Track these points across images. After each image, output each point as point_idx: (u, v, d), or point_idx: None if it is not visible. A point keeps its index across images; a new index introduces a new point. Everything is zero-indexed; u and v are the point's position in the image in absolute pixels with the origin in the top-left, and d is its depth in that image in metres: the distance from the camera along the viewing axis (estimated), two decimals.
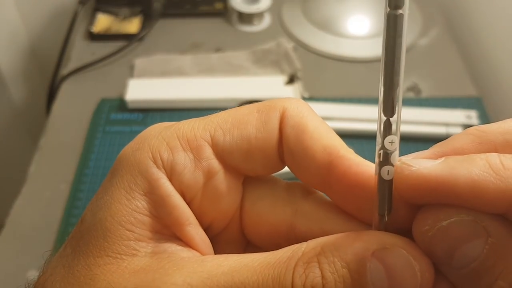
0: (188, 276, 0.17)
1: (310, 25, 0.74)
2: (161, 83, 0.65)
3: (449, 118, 0.60)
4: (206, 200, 0.19)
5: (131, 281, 0.17)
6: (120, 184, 0.19)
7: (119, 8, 0.75)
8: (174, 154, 0.19)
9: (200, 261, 0.18)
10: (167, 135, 0.19)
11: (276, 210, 0.20)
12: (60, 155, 0.59)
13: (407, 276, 0.16)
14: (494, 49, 0.73)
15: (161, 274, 0.17)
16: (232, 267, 0.17)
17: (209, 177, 0.19)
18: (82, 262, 0.18)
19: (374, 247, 0.17)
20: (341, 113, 0.61)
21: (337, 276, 0.16)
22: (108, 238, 0.18)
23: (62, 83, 0.68)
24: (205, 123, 0.20)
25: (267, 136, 0.19)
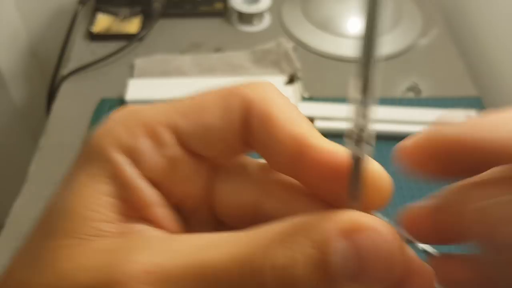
0: (154, 253, 0.16)
1: (310, 25, 0.74)
2: (161, 83, 0.65)
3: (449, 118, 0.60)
4: (172, 183, 0.19)
5: (96, 260, 0.17)
6: (86, 169, 0.19)
7: (119, 8, 0.75)
8: (137, 141, 0.18)
9: (168, 239, 0.17)
10: (131, 122, 0.19)
11: (244, 190, 0.20)
12: (60, 155, 0.59)
13: (380, 259, 0.15)
14: (494, 49, 0.73)
15: (127, 252, 0.17)
16: (201, 245, 0.16)
17: (172, 162, 0.19)
18: (47, 245, 0.18)
19: (343, 226, 0.15)
20: (341, 113, 0.61)
21: (306, 257, 0.15)
22: (74, 220, 0.18)
23: (62, 83, 0.68)
24: (169, 109, 0.19)
25: (228, 125, 0.19)
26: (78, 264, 0.17)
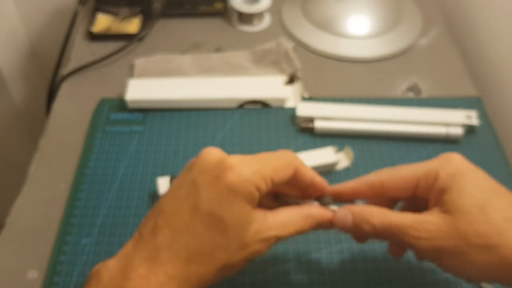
0: (262, 227, 0.39)
1: (310, 25, 0.74)
2: (161, 83, 0.65)
3: (449, 118, 0.60)
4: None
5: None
6: (241, 196, 0.38)
7: (119, 8, 0.75)
8: (261, 185, 0.38)
9: (266, 216, 0.40)
10: (258, 176, 0.38)
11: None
12: (60, 155, 0.59)
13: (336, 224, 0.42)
14: (494, 49, 0.73)
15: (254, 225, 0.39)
16: (281, 222, 0.40)
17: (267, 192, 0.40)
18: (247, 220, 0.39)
19: (328, 216, 0.42)
20: (341, 113, 0.61)
21: (312, 227, 0.42)
22: (248, 215, 0.39)
23: (62, 83, 0.68)
24: (270, 172, 0.39)
25: (287, 179, 0.41)
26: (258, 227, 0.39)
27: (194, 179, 0.39)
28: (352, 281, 0.48)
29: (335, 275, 0.49)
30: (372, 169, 0.57)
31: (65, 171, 0.57)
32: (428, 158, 0.58)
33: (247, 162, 0.39)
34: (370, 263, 0.50)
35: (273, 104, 0.64)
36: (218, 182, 0.37)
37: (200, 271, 0.37)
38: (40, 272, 0.49)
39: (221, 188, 0.37)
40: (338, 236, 0.51)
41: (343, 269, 0.49)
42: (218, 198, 0.37)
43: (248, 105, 0.64)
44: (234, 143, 0.60)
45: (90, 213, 0.53)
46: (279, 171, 0.39)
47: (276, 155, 0.40)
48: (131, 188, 0.56)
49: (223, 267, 0.38)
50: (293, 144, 0.60)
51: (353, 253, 0.50)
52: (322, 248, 0.51)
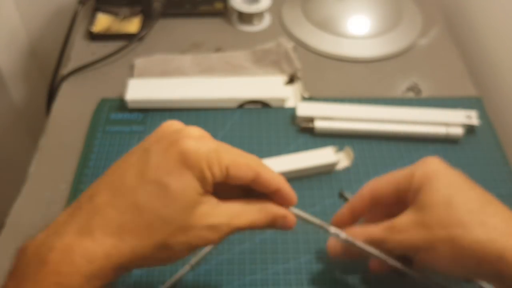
0: (212, 215, 0.37)
1: (310, 25, 0.74)
2: (161, 83, 0.65)
3: (449, 118, 0.60)
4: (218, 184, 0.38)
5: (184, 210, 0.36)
6: (189, 172, 0.35)
7: (119, 8, 0.75)
8: (214, 169, 0.36)
9: (218, 204, 0.37)
10: (214, 158, 0.36)
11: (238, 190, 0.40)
12: (60, 155, 0.59)
13: (286, 224, 0.40)
14: (494, 49, 0.73)
15: (200, 211, 0.36)
16: (232, 213, 0.38)
17: (221, 179, 0.37)
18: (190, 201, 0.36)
19: (282, 213, 0.40)
20: (341, 113, 0.61)
21: (267, 218, 0.39)
22: (193, 196, 0.36)
23: (62, 83, 0.68)
24: (233, 161, 0.37)
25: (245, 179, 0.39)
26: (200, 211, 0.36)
27: (148, 147, 0.36)
28: (353, 281, 0.48)
29: (335, 275, 0.49)
30: (372, 169, 0.57)
31: (65, 171, 0.57)
32: None
33: (208, 139, 0.37)
34: None
35: (273, 104, 0.64)
36: (171, 149, 0.35)
37: (133, 244, 0.34)
38: None
39: (173, 155, 0.35)
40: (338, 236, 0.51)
41: (343, 269, 0.49)
42: (167, 165, 0.35)
43: (248, 105, 0.64)
44: (234, 143, 0.60)
45: None
46: (237, 166, 0.37)
47: (241, 153, 0.38)
48: None
49: (161, 245, 0.35)
50: (293, 144, 0.60)
51: None
52: (322, 248, 0.51)
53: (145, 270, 0.49)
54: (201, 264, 0.49)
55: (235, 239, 0.51)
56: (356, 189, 0.55)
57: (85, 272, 0.33)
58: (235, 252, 0.50)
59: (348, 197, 0.54)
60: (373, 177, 0.56)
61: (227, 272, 0.49)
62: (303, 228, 0.52)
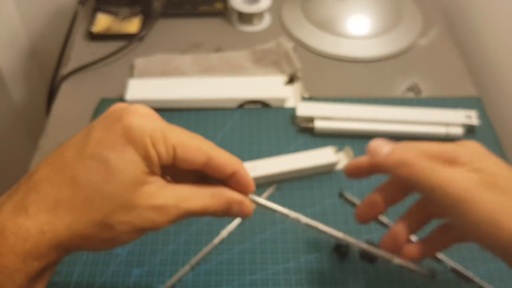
0: (159, 196, 0.35)
1: (310, 25, 0.74)
2: (161, 83, 0.65)
3: (449, 118, 0.60)
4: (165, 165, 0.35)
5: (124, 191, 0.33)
6: (131, 149, 0.33)
7: (119, 8, 0.75)
8: (160, 146, 0.34)
9: (166, 185, 0.35)
10: (162, 136, 0.34)
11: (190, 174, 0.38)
12: None
13: (243, 211, 0.38)
14: (494, 49, 0.73)
15: (148, 192, 0.34)
16: (183, 195, 0.36)
17: (167, 160, 0.35)
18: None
19: (237, 199, 0.37)
20: (341, 113, 0.61)
21: (223, 204, 0.37)
22: (135, 175, 0.34)
23: (62, 83, 0.68)
24: (182, 141, 0.35)
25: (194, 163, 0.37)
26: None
27: (93, 124, 0.35)
28: (353, 281, 0.48)
29: (335, 274, 0.49)
30: None
31: None
32: None
33: (155, 118, 0.35)
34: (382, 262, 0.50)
35: (273, 104, 0.64)
36: (115, 125, 0.33)
37: (69, 220, 0.32)
38: None
39: (116, 131, 0.33)
40: None
41: (343, 268, 0.49)
42: (109, 140, 0.33)
43: (248, 105, 0.64)
44: (234, 143, 0.60)
45: None
46: (186, 148, 0.34)
47: (192, 134, 0.36)
48: None
49: (100, 223, 0.32)
50: (293, 144, 0.60)
51: (355, 252, 0.50)
52: (322, 248, 0.51)
53: (145, 270, 0.49)
54: (201, 264, 0.49)
55: (235, 239, 0.51)
56: (356, 189, 0.55)
57: (20, 251, 0.31)
58: (235, 252, 0.50)
59: (348, 197, 0.54)
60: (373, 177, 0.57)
61: (227, 272, 0.49)
62: (303, 228, 0.52)
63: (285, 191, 0.55)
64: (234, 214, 0.38)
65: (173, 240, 0.51)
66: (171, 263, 0.49)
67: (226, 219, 0.52)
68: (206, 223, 0.52)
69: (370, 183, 0.56)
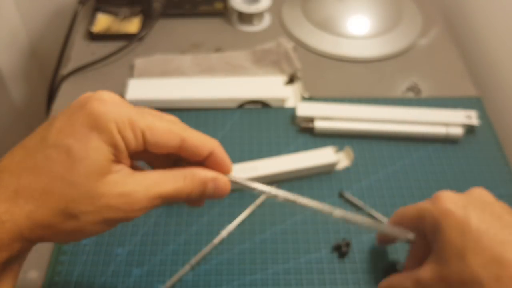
0: (127, 184, 0.33)
1: (310, 25, 0.74)
2: (161, 83, 0.65)
3: (449, 118, 0.60)
4: (134, 152, 0.34)
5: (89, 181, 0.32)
6: (96, 136, 0.32)
7: (119, 8, 0.75)
8: (127, 131, 0.33)
9: (133, 173, 0.34)
10: (128, 121, 0.33)
11: (163, 158, 0.38)
12: None
13: (219, 189, 0.37)
14: (494, 49, 0.73)
15: (115, 181, 0.33)
16: (153, 180, 0.34)
17: (137, 146, 0.34)
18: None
19: (212, 176, 0.36)
20: (341, 113, 0.61)
21: (198, 186, 0.36)
22: (99, 163, 0.32)
23: (62, 83, 0.68)
24: (149, 123, 0.34)
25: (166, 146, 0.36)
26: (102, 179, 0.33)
27: (57, 115, 0.34)
28: (353, 281, 0.48)
29: (335, 275, 0.49)
30: (372, 169, 0.57)
31: None
32: (428, 158, 0.59)
33: (123, 104, 0.33)
34: (377, 264, 0.50)
35: (273, 104, 0.64)
36: (78, 112, 0.32)
37: (29, 209, 0.31)
38: (40, 272, 0.49)
39: (79, 118, 0.32)
40: (338, 235, 0.52)
41: (343, 268, 0.49)
42: (71, 127, 0.32)
43: (248, 105, 0.64)
44: (234, 143, 0.60)
45: None
46: (155, 131, 0.33)
47: (162, 115, 0.35)
48: None
49: (62, 213, 0.31)
50: (293, 144, 0.60)
51: (355, 252, 0.50)
52: (322, 248, 0.51)
53: (145, 270, 0.49)
54: (201, 264, 0.49)
55: (235, 239, 0.51)
56: (356, 189, 0.56)
57: None
58: (235, 252, 0.50)
59: (348, 197, 0.54)
60: (373, 177, 0.57)
61: (227, 272, 0.49)
62: (303, 228, 0.52)
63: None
64: (210, 195, 0.36)
65: (173, 240, 0.51)
66: (171, 263, 0.49)
67: (226, 219, 0.52)
68: (206, 223, 0.53)
69: (370, 183, 0.56)
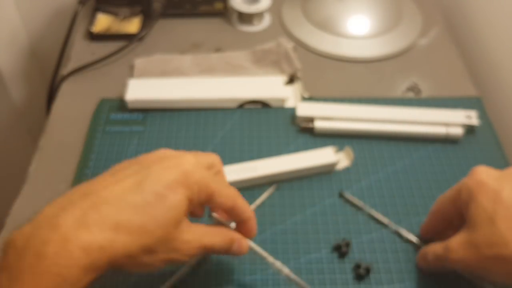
0: (187, 233, 0.40)
1: (310, 25, 0.74)
2: (161, 83, 0.65)
3: (449, 118, 0.60)
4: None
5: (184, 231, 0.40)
6: (181, 193, 0.39)
7: (119, 8, 0.75)
8: (197, 195, 0.40)
9: (190, 225, 0.41)
10: (205, 184, 0.40)
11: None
12: (60, 155, 0.59)
13: (241, 249, 0.43)
14: (494, 49, 0.73)
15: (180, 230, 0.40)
16: (202, 232, 0.42)
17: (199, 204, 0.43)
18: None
19: (238, 237, 0.44)
20: (341, 113, 0.61)
21: (226, 243, 0.43)
22: (180, 216, 0.39)
23: (62, 83, 0.68)
24: (212, 189, 0.41)
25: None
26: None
27: (147, 164, 0.39)
28: (353, 281, 0.48)
29: (335, 275, 0.49)
30: (372, 169, 0.57)
31: (65, 171, 0.57)
32: (428, 158, 0.59)
33: (202, 168, 0.41)
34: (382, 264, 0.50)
35: (273, 104, 0.64)
36: (173, 168, 0.39)
37: (125, 241, 0.36)
38: None
39: (174, 174, 0.39)
40: (338, 235, 0.52)
41: (343, 268, 0.49)
42: (167, 180, 0.38)
43: (248, 105, 0.64)
44: (234, 143, 0.60)
45: None
46: (221, 196, 0.42)
47: (226, 183, 0.44)
48: None
49: (148, 249, 0.37)
50: (293, 144, 0.60)
51: (355, 252, 0.50)
52: (322, 248, 0.51)
53: None
54: (201, 264, 0.49)
55: None
56: (356, 189, 0.56)
57: (83, 264, 0.34)
58: None
59: (348, 197, 0.54)
60: (373, 177, 0.57)
61: (227, 272, 0.49)
62: (303, 228, 0.52)
63: (285, 191, 0.55)
64: (232, 251, 0.43)
65: None
66: None
67: None
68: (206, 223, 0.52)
69: (370, 183, 0.56)
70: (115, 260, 0.36)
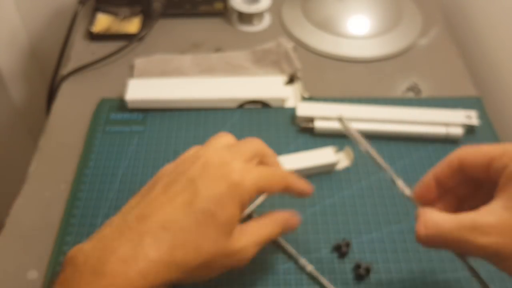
0: (247, 235, 0.41)
1: (310, 25, 0.74)
2: (161, 83, 0.65)
3: (449, 118, 0.60)
4: None
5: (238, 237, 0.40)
6: (237, 201, 0.40)
7: (119, 8, 0.75)
8: (253, 196, 0.41)
9: (244, 225, 0.41)
10: (256, 186, 0.41)
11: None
12: (60, 155, 0.59)
13: (294, 224, 0.45)
14: (494, 49, 0.73)
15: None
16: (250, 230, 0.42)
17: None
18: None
19: (288, 216, 0.45)
20: (341, 113, 0.61)
21: (279, 230, 0.44)
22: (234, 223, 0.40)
23: (62, 83, 0.68)
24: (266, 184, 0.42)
25: None
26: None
27: (193, 178, 0.39)
28: (353, 281, 0.48)
29: (335, 275, 0.49)
30: (372, 169, 0.57)
31: (65, 171, 0.57)
32: (428, 158, 0.59)
33: (251, 169, 0.41)
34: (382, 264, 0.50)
35: (273, 104, 0.64)
36: (221, 182, 0.39)
37: (181, 262, 0.37)
38: (40, 272, 0.49)
39: (222, 188, 0.39)
40: (338, 235, 0.52)
41: (343, 268, 0.49)
42: (216, 196, 0.39)
43: (248, 105, 0.64)
44: None
45: (90, 213, 0.53)
46: (272, 186, 0.42)
47: (273, 172, 0.43)
48: (131, 188, 0.56)
49: (204, 263, 0.38)
50: (293, 144, 0.60)
51: (355, 252, 0.51)
52: (322, 248, 0.51)
53: None
54: None
55: None
56: (356, 189, 0.56)
57: (138, 286, 0.36)
58: None
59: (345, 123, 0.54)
60: (373, 177, 0.57)
61: (228, 272, 0.49)
62: (303, 228, 0.52)
63: None
64: (285, 232, 0.44)
65: None
66: None
67: None
68: None
69: (370, 183, 0.56)
70: (170, 282, 0.37)
